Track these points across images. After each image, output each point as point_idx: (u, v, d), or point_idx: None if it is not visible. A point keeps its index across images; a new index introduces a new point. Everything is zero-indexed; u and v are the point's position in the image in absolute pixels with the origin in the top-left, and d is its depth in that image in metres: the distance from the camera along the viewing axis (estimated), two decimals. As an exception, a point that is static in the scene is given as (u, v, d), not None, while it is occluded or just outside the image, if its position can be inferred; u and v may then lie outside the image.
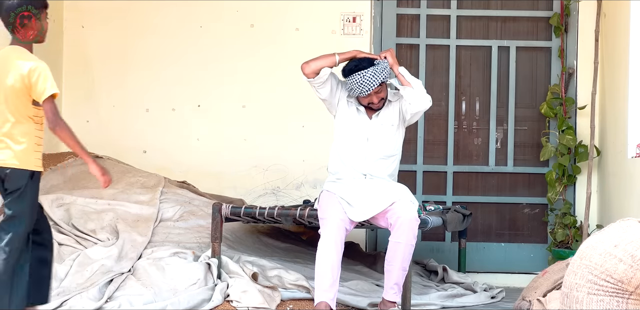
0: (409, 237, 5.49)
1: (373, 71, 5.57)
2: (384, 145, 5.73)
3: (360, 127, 5.74)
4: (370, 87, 5.58)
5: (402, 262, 5.51)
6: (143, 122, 7.47)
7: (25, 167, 4.75)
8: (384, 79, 5.63)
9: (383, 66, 5.62)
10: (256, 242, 6.81)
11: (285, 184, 7.35)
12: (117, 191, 6.61)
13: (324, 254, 5.47)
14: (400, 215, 5.49)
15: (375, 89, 5.61)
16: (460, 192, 7.50)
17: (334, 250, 5.47)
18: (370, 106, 5.72)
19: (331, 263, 5.45)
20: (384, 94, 5.69)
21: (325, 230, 5.53)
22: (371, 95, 5.66)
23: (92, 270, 5.85)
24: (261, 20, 7.45)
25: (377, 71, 5.58)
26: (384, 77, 5.62)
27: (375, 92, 5.64)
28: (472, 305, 6.27)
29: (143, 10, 7.48)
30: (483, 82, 7.54)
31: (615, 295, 3.47)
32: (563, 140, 7.19)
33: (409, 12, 7.53)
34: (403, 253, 5.49)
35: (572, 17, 7.37)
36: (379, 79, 5.58)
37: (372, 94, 5.65)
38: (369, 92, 5.60)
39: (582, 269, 3.56)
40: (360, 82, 5.58)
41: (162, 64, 7.48)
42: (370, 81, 5.57)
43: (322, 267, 5.46)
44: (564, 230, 7.14)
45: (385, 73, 5.61)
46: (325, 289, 5.43)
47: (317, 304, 5.43)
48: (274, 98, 7.45)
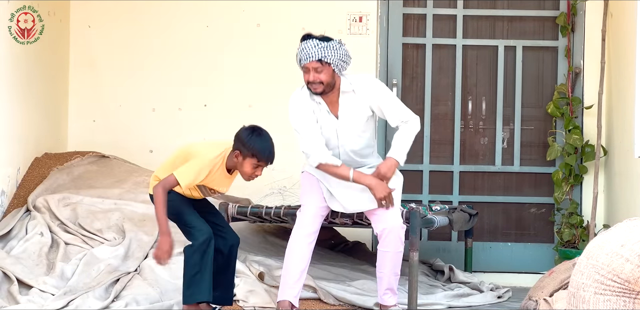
0: (396, 245, 5.50)
1: (317, 43, 5.42)
2: (356, 141, 5.62)
3: (331, 127, 5.60)
4: (307, 57, 5.40)
5: (393, 268, 5.54)
6: (149, 122, 7.48)
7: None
8: (330, 60, 5.42)
9: (335, 46, 5.43)
10: (262, 242, 6.81)
11: (291, 183, 7.35)
12: (123, 191, 6.62)
13: (295, 245, 5.47)
14: (387, 226, 5.48)
15: (314, 64, 5.42)
16: (467, 192, 7.50)
17: (305, 242, 5.47)
18: (310, 87, 5.50)
19: (301, 256, 5.44)
20: (325, 77, 5.45)
21: (300, 218, 5.54)
22: (309, 71, 5.45)
23: (98, 269, 5.86)
24: (267, 20, 7.45)
25: (323, 46, 5.40)
26: (330, 57, 5.41)
27: (314, 68, 5.43)
28: (478, 305, 6.27)
29: (149, 10, 7.49)
30: (489, 82, 7.53)
31: (622, 295, 3.47)
32: (570, 139, 7.18)
33: (416, 11, 7.53)
34: (392, 260, 5.52)
35: (579, 17, 7.36)
36: (320, 53, 5.39)
37: (311, 70, 5.44)
38: (307, 63, 5.41)
39: (589, 268, 3.55)
40: (301, 50, 5.45)
41: (168, 64, 7.48)
42: (309, 52, 5.40)
43: (291, 260, 5.45)
44: (570, 229, 7.13)
45: (333, 54, 5.41)
46: (291, 286, 5.42)
47: (279, 302, 5.43)
48: (281, 97, 7.41)
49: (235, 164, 5.24)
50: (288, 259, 5.48)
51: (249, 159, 5.19)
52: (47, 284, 5.69)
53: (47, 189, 6.61)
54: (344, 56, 5.49)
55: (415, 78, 7.54)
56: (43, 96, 7.05)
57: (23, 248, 6.00)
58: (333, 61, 5.44)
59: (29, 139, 6.81)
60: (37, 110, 6.94)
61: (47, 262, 5.96)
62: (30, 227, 6.18)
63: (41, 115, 7.01)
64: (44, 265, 5.93)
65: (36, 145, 6.94)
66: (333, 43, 5.47)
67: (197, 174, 5.15)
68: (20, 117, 6.66)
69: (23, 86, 6.67)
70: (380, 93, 5.58)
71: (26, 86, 6.73)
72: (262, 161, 5.20)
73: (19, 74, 6.60)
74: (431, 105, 7.49)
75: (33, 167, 6.83)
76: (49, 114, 7.16)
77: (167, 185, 5.17)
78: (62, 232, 6.22)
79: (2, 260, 5.79)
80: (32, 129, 6.85)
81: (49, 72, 7.16)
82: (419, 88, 7.53)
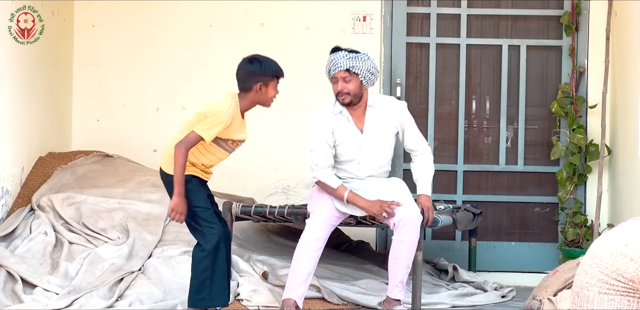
0: (412, 235, 5.53)
1: (345, 54, 5.59)
2: (376, 157, 5.74)
3: (354, 141, 5.72)
4: (335, 67, 5.57)
5: (407, 260, 5.55)
6: (153, 121, 7.48)
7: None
8: (357, 71, 5.57)
9: (363, 58, 5.60)
10: (266, 241, 6.81)
11: (295, 182, 7.35)
12: (127, 190, 6.62)
13: (304, 250, 5.50)
14: (404, 216, 5.53)
15: (342, 74, 5.57)
16: (471, 191, 7.49)
17: (314, 247, 5.51)
18: (338, 99, 5.66)
19: (309, 259, 5.48)
20: (352, 87, 5.60)
21: (311, 224, 5.57)
22: (338, 81, 5.61)
23: (102, 268, 5.87)
24: (271, 20, 7.45)
25: (351, 57, 5.58)
26: (358, 68, 5.56)
27: (343, 77, 5.59)
28: (482, 305, 6.27)
29: (153, 9, 7.49)
30: (493, 81, 7.53)
31: (626, 294, 3.46)
32: (574, 139, 7.18)
33: (420, 11, 7.53)
34: (407, 251, 5.53)
35: (583, 16, 7.35)
36: (348, 63, 5.55)
37: (339, 80, 5.60)
38: (335, 73, 5.58)
39: (593, 268, 3.55)
40: (330, 61, 5.62)
41: (172, 63, 7.48)
42: (337, 62, 5.57)
43: (299, 262, 5.48)
44: (574, 229, 7.13)
45: (361, 65, 5.57)
46: (296, 286, 5.45)
47: (285, 300, 5.45)
48: (284, 97, 7.40)
49: (257, 99, 5.27)
50: (296, 261, 5.50)
51: (272, 83, 5.27)
52: (51, 283, 5.69)
53: (51, 189, 6.61)
54: (372, 68, 5.64)
55: (419, 77, 7.54)
56: (47, 95, 7.05)
57: (27, 247, 6.00)
58: (361, 72, 5.60)
59: (33, 138, 6.81)
60: (41, 109, 6.94)
61: (51, 262, 5.96)
62: (34, 226, 6.19)
63: (45, 114, 7.02)
64: (48, 264, 5.93)
65: (40, 144, 6.95)
66: (361, 55, 5.63)
67: (219, 126, 5.11)
68: (24, 116, 6.66)
69: (27, 85, 6.68)
70: (406, 116, 5.77)
71: (30, 85, 6.73)
72: (282, 76, 5.32)
73: (22, 73, 6.60)
74: (435, 104, 7.49)
75: (37, 166, 6.84)
76: (52, 113, 7.17)
77: (189, 143, 5.11)
78: (66, 232, 6.23)
79: (6, 260, 5.80)
80: (36, 128, 6.85)
81: (53, 71, 7.16)
82: (423, 87, 7.53)
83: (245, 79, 5.27)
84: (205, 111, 5.23)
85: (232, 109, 5.18)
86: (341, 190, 5.61)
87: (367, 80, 5.64)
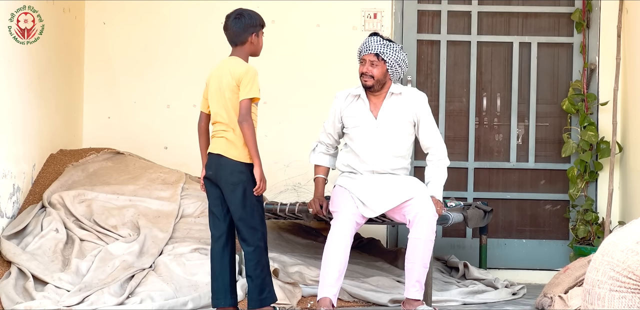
0: (428, 233, 5.48)
1: (379, 39, 5.66)
2: (391, 145, 5.71)
3: (368, 126, 5.73)
4: (366, 49, 5.65)
5: (423, 259, 5.49)
6: (164, 118, 7.49)
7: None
8: (386, 58, 5.63)
9: (395, 48, 5.66)
10: (277, 238, 6.82)
11: (306, 180, 7.35)
12: (138, 187, 6.63)
13: (333, 248, 5.48)
14: (419, 212, 5.49)
15: (371, 57, 5.63)
16: (481, 189, 7.49)
17: (343, 245, 5.48)
18: (361, 80, 5.70)
19: (339, 257, 5.45)
20: (377, 73, 5.64)
21: (336, 223, 5.55)
22: (365, 63, 5.66)
23: (113, 266, 5.88)
24: (282, 17, 7.45)
25: (384, 44, 5.65)
26: (388, 55, 5.63)
27: (370, 61, 5.64)
28: (493, 302, 6.26)
29: (164, 6, 7.50)
30: (504, 78, 7.52)
31: (637, 292, 3.46)
32: (585, 136, 7.17)
33: (430, 8, 7.52)
34: (423, 249, 5.48)
35: (594, 13, 7.34)
36: (379, 48, 5.62)
37: (367, 62, 5.65)
38: (365, 54, 5.65)
39: (604, 265, 3.55)
40: (363, 43, 5.71)
41: (183, 60, 7.49)
42: (369, 45, 5.66)
43: (330, 261, 5.46)
44: (585, 226, 7.12)
45: (391, 53, 5.64)
46: (331, 284, 5.43)
47: (320, 299, 5.42)
48: (295, 94, 7.45)
49: (251, 50, 5.37)
50: (326, 260, 5.47)
51: (261, 32, 5.40)
52: (63, 280, 5.71)
53: (62, 186, 6.63)
54: (401, 61, 5.68)
55: (429, 74, 7.54)
56: (58, 93, 7.06)
57: (38, 244, 6.02)
58: (389, 59, 5.64)
59: (44, 135, 6.83)
60: (52, 107, 6.96)
61: (62, 259, 5.98)
62: (46, 223, 6.20)
63: (56, 111, 7.03)
64: (59, 261, 5.94)
65: (51, 141, 6.96)
66: (395, 45, 5.69)
67: (256, 79, 5.23)
68: (35, 113, 6.68)
69: (38, 83, 6.69)
70: (424, 107, 5.75)
71: (41, 83, 6.74)
72: (265, 24, 5.44)
73: (33, 71, 6.61)
74: (446, 101, 7.49)
75: (48, 163, 6.85)
76: (63, 111, 7.18)
77: (248, 111, 5.15)
78: (77, 229, 6.24)
79: (18, 257, 5.81)
80: (47, 125, 6.86)
81: (64, 68, 7.17)
82: (434, 84, 7.52)
83: (240, 33, 5.36)
84: (232, 79, 5.24)
85: (247, 63, 5.32)
86: (317, 170, 5.91)
87: (393, 70, 5.66)
